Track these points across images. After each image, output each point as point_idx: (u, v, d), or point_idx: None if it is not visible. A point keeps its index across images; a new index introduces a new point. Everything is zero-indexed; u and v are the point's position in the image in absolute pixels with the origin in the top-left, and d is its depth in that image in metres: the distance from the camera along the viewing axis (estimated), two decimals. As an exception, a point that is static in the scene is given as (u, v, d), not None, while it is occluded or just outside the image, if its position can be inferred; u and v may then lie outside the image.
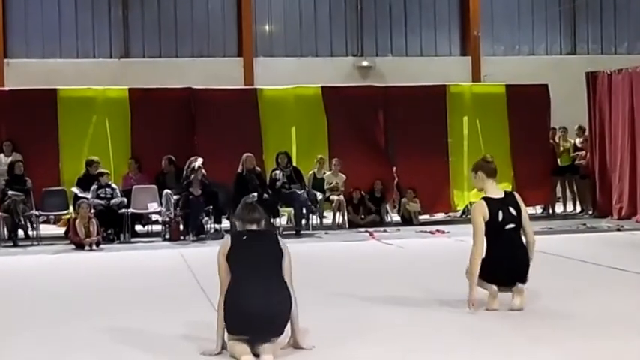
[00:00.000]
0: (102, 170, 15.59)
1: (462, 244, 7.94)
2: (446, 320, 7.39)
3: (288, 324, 6.18)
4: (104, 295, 9.31)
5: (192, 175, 15.25)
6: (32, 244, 14.87)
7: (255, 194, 14.90)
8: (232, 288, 6.04)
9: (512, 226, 7.63)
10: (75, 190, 15.73)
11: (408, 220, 17.04)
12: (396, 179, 17.68)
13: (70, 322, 7.69)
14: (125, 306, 8.57)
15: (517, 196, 7.90)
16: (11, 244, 14.76)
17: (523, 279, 7.68)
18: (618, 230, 14.96)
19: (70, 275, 11.23)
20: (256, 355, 5.95)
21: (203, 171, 15.37)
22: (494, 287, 7.63)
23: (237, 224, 6.37)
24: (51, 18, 24.96)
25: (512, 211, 7.64)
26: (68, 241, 14.47)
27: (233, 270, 6.07)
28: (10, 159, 15.92)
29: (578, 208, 18.42)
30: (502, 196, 7.72)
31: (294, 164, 16.48)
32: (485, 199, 7.67)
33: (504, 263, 7.60)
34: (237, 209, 6.55)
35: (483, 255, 7.58)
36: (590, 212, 17.79)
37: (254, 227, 6.26)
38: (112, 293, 9.46)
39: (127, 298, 9.07)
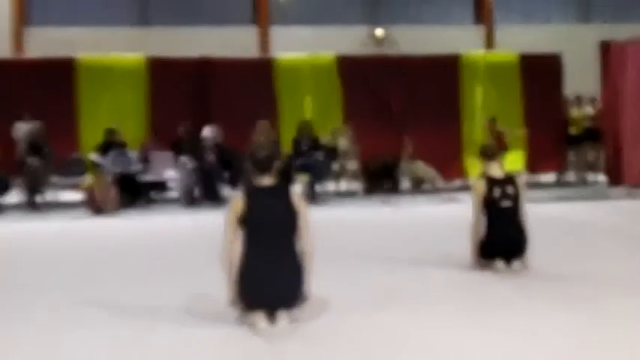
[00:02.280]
0: (121, 139, 15.79)
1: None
2: (463, 286, 7.53)
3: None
4: (121, 261, 9.44)
5: (202, 144, 15.48)
6: (51, 210, 15.10)
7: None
8: (243, 263, 5.98)
9: (508, 203, 7.97)
10: (94, 156, 15.95)
11: (420, 189, 17.19)
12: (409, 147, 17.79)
13: (86, 287, 7.83)
14: (140, 271, 8.72)
15: (519, 179, 8.26)
16: (30, 209, 15.00)
17: (520, 255, 7.98)
18: (629, 199, 15.03)
19: (87, 241, 11.36)
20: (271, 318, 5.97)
21: (214, 138, 15.55)
22: (496, 263, 7.96)
23: (250, 168, 6.29)
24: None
25: (510, 190, 8.01)
26: (86, 207, 14.69)
27: (244, 237, 6.02)
28: (29, 126, 16.10)
29: (590, 177, 18.52)
30: (502, 176, 8.13)
31: (311, 133, 16.59)
32: (485, 177, 8.14)
33: (501, 239, 7.95)
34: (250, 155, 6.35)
35: (482, 231, 7.99)
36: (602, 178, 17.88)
37: (265, 180, 6.18)
38: (128, 258, 9.60)
39: (143, 264, 9.22)
